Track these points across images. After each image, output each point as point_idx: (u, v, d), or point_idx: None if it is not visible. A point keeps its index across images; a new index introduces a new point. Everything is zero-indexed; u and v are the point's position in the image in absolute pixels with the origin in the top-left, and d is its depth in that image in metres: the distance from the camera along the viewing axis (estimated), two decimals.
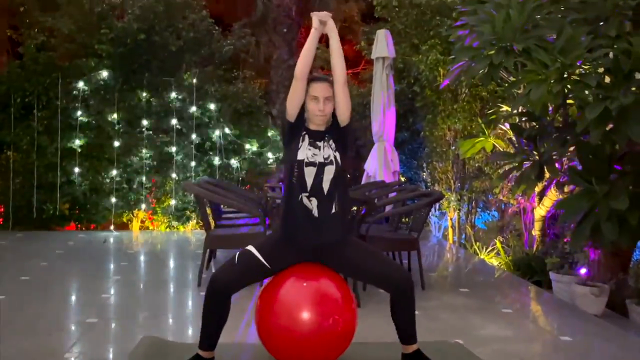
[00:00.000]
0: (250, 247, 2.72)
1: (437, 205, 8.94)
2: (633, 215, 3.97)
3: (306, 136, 2.73)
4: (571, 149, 4.91)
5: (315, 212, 2.69)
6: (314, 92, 2.69)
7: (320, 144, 2.72)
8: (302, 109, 2.73)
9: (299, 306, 2.66)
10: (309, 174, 2.68)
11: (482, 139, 6.81)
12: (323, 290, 2.74)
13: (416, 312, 4.25)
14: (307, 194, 2.68)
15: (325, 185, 2.69)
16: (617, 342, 4.03)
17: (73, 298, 4.74)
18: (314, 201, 2.69)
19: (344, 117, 2.73)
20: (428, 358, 2.76)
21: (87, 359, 3.30)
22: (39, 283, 5.09)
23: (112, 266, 6.08)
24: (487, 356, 3.19)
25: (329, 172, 2.69)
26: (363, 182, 8.05)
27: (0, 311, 4.14)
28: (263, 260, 2.67)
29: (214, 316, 2.67)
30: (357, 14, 16.75)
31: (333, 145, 2.74)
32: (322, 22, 2.73)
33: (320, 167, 2.68)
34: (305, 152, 2.70)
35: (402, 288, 2.71)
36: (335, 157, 2.72)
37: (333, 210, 2.71)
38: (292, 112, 2.71)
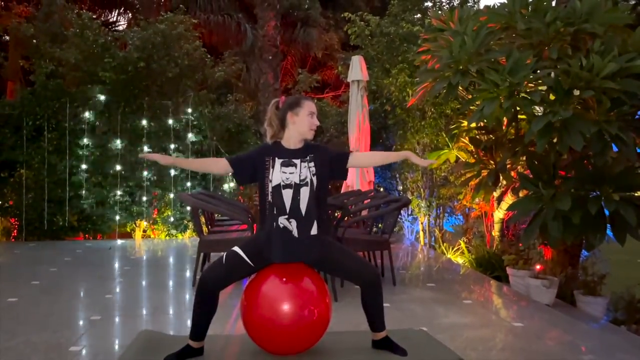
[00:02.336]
0: (236, 248, 2.76)
1: (409, 211, 9.04)
2: (575, 215, 4.09)
3: (276, 161, 2.67)
4: (523, 158, 5.05)
5: (296, 233, 2.64)
6: (310, 108, 2.72)
7: (296, 161, 2.67)
8: (248, 167, 2.76)
9: (280, 300, 2.71)
10: (287, 196, 2.62)
11: (446, 151, 6.95)
12: (301, 285, 2.79)
13: (387, 305, 4.33)
14: (286, 216, 2.63)
15: (303, 206, 2.62)
16: (564, 326, 4.11)
17: (79, 298, 4.73)
18: (294, 222, 2.64)
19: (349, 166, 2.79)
20: (395, 342, 2.82)
21: (90, 352, 3.31)
22: (48, 286, 5.08)
23: (116, 270, 6.08)
24: (447, 341, 3.25)
25: (305, 193, 2.63)
26: (342, 191, 8.12)
27: (14, 311, 4.15)
28: (247, 260, 2.71)
29: (204, 310, 2.71)
30: (337, 43, 16.93)
31: (313, 169, 2.67)
32: None
33: (297, 189, 2.63)
34: (279, 176, 2.64)
35: (370, 282, 2.77)
36: (312, 180, 2.64)
37: (313, 232, 2.66)
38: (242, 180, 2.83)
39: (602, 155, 4.14)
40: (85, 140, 8.54)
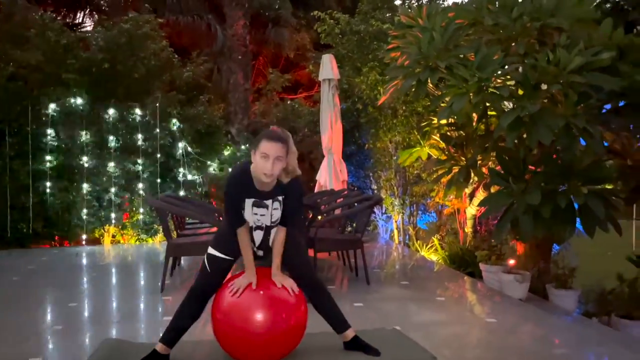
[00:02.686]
0: (210, 250, 2.75)
1: (383, 209, 9.03)
2: (545, 209, 4.09)
3: (247, 201, 2.60)
4: (493, 153, 5.06)
5: (261, 254, 2.78)
6: (264, 148, 2.45)
7: (267, 202, 2.61)
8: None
9: (253, 307, 2.63)
10: (257, 235, 2.68)
11: (418, 148, 6.94)
12: (274, 292, 2.70)
13: (360, 304, 4.30)
14: (255, 247, 2.73)
15: (271, 238, 2.72)
16: (537, 321, 4.13)
17: (41, 308, 4.56)
18: (261, 251, 2.77)
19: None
20: (366, 343, 2.77)
21: None
22: (8, 296, 4.89)
23: (82, 278, 5.89)
24: (421, 339, 3.21)
25: (274, 231, 2.70)
26: (315, 191, 8.06)
27: None
28: (224, 256, 2.71)
29: (189, 316, 2.71)
30: (308, 43, 16.86)
31: (280, 208, 2.65)
32: None
33: (267, 230, 2.67)
34: (251, 216, 2.62)
35: (310, 285, 2.78)
36: (273, 220, 2.65)
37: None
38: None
39: (570, 149, 4.16)
40: (49, 144, 8.28)
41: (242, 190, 2.59)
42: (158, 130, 8.73)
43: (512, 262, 5.28)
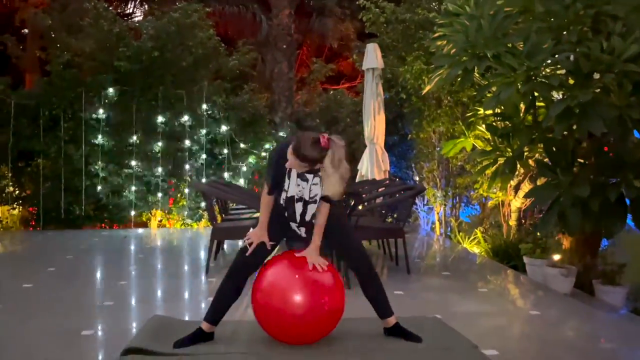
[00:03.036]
0: (251, 230, 2.82)
1: (425, 201, 8.96)
2: (594, 202, 3.99)
3: (293, 172, 2.69)
4: (540, 145, 4.94)
5: (303, 234, 2.84)
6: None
7: (309, 176, 2.69)
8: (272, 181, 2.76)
9: (291, 289, 2.69)
10: (298, 208, 2.74)
11: (462, 139, 6.84)
12: (313, 274, 2.75)
13: (400, 292, 4.31)
14: (296, 224, 2.79)
15: (310, 216, 2.76)
16: (582, 315, 4.03)
17: (93, 285, 4.77)
18: (302, 229, 2.82)
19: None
20: (407, 330, 2.78)
21: (102, 336, 3.33)
22: (63, 273, 5.13)
23: (131, 259, 6.12)
24: (462, 328, 3.20)
25: (312, 208, 2.74)
26: (357, 180, 8.07)
27: (28, 296, 4.20)
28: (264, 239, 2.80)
29: (228, 295, 2.80)
30: (352, 33, 16.78)
31: (321, 182, 2.70)
32: None
33: (306, 204, 2.72)
34: (294, 187, 2.70)
35: (362, 269, 2.85)
36: (319, 196, 2.71)
37: None
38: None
39: (622, 140, 4.04)
40: (101, 130, 8.59)
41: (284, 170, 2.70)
42: (205, 116, 8.92)
43: (556, 256, 5.16)
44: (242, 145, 9.23)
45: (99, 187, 8.56)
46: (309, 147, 2.52)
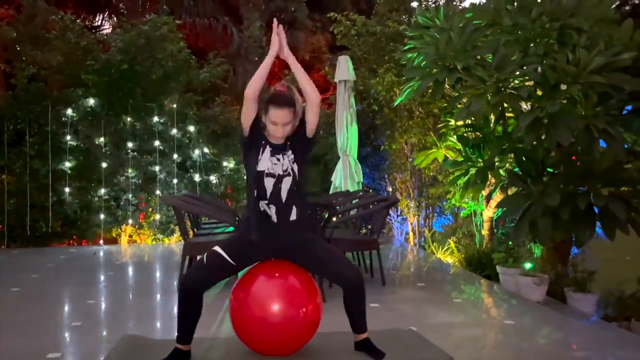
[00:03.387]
0: (216, 247, 2.70)
1: (399, 211, 9.00)
2: (564, 211, 4.06)
3: (267, 147, 2.65)
4: (511, 155, 5.03)
5: (274, 218, 2.65)
6: (273, 117, 2.55)
7: (279, 155, 2.65)
8: (257, 123, 2.63)
9: (269, 299, 2.65)
10: (268, 184, 2.62)
11: (434, 150, 6.92)
12: (291, 284, 2.71)
13: (376, 305, 4.30)
14: (266, 202, 2.64)
15: (284, 195, 2.64)
16: (555, 324, 4.08)
17: (60, 305, 4.62)
18: (273, 208, 2.65)
19: (311, 132, 2.68)
20: (373, 345, 2.76)
21: (69, 358, 3.22)
22: (28, 293, 4.96)
23: (100, 276, 5.96)
24: (437, 340, 3.19)
25: (287, 183, 2.63)
26: (330, 192, 8.07)
27: None
28: (228, 258, 2.64)
29: (188, 313, 2.64)
30: (324, 45, 16.90)
31: (292, 157, 2.66)
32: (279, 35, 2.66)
33: (279, 178, 2.63)
34: (266, 163, 2.63)
35: (353, 284, 2.72)
36: (292, 169, 2.65)
37: (292, 218, 2.67)
38: (246, 129, 2.64)
39: (589, 150, 4.13)
40: (69, 144, 8.40)
41: (260, 139, 2.64)
42: (175, 131, 8.82)
43: (529, 265, 5.22)
44: (214, 158, 9.15)
45: (67, 204, 8.34)
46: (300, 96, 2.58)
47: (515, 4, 4.61)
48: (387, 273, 5.73)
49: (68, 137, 8.38)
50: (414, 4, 9.62)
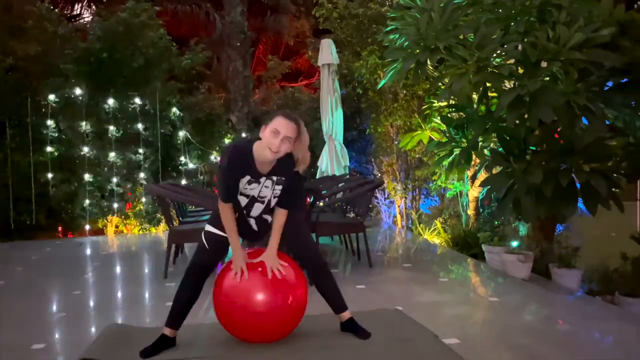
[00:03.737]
0: (207, 226, 2.75)
1: (386, 194, 9.02)
2: (547, 188, 4.09)
3: (245, 178, 2.62)
4: (494, 134, 5.04)
5: (255, 227, 2.77)
6: (277, 125, 2.49)
7: (261, 180, 2.61)
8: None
9: (253, 286, 2.64)
10: (243, 201, 2.67)
11: (419, 132, 6.92)
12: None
13: (362, 286, 4.32)
14: (245, 213, 2.72)
15: (258, 212, 2.71)
16: (540, 300, 4.13)
17: (45, 296, 4.58)
18: (252, 220, 2.75)
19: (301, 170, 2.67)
20: (357, 324, 2.77)
21: (54, 348, 3.20)
22: (13, 286, 4.92)
23: (86, 267, 5.92)
24: (423, 319, 3.21)
25: (259, 207, 2.69)
26: (317, 177, 8.06)
27: None
28: (221, 233, 2.70)
29: (188, 296, 2.71)
30: (308, 30, 16.78)
31: (276, 191, 2.65)
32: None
33: (252, 201, 2.67)
34: (243, 185, 2.63)
35: (314, 264, 2.80)
36: (269, 200, 2.67)
37: (270, 221, 2.76)
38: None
39: (571, 127, 4.15)
40: (50, 136, 8.29)
41: (241, 169, 2.59)
42: (158, 119, 8.73)
43: (515, 243, 5.27)
44: (199, 145, 9.09)
45: (50, 195, 8.26)
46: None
47: None
48: (375, 255, 5.75)
49: (49, 126, 8.26)
50: None
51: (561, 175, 4.01)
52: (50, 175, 8.27)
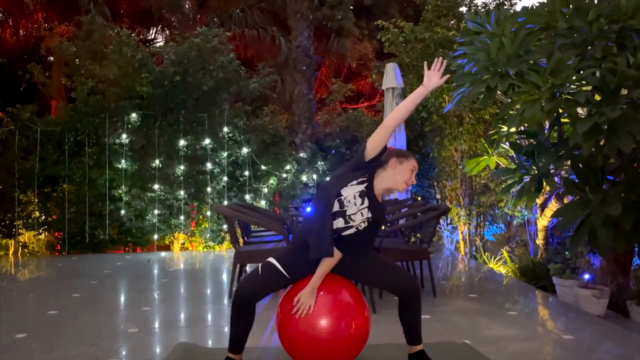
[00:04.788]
0: (271, 259, 2.71)
1: (449, 220, 8.84)
2: (626, 221, 3.88)
3: (364, 184, 2.58)
4: (567, 162, 4.84)
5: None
6: (415, 164, 2.69)
7: (365, 201, 2.57)
8: (376, 158, 2.61)
9: (317, 312, 2.63)
10: (335, 206, 2.57)
11: (486, 157, 6.75)
12: (338, 297, 2.70)
13: (427, 316, 4.22)
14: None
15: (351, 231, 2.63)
16: (618, 339, 3.89)
17: (117, 311, 4.77)
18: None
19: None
20: (429, 358, 2.70)
21: None
22: (88, 299, 5.15)
23: (154, 282, 6.13)
24: (492, 354, 3.10)
25: (339, 223, 2.59)
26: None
27: (54, 324, 4.21)
28: (283, 271, 2.66)
29: (241, 322, 2.67)
30: (371, 52, 16.86)
31: (362, 225, 2.62)
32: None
33: (341, 213, 2.58)
34: (350, 191, 2.56)
35: (410, 293, 2.69)
36: (357, 227, 2.61)
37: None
38: (372, 155, 2.57)
39: None
40: (124, 155, 8.71)
41: (367, 171, 2.62)
42: (225, 140, 8.99)
43: (587, 276, 5.01)
44: (263, 167, 9.27)
45: (122, 211, 8.65)
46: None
47: (571, 6, 4.45)
48: (438, 283, 5.63)
49: (123, 148, 8.69)
50: (463, 9, 9.47)
51: None
52: (123, 193, 8.66)
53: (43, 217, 8.70)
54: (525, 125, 5.09)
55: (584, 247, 5.05)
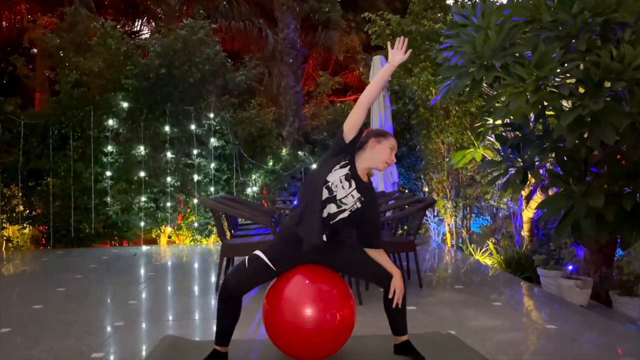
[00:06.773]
0: (258, 252, 2.71)
1: (435, 212, 8.89)
2: (609, 212, 3.93)
3: (347, 167, 2.61)
4: (551, 154, 4.89)
5: (324, 237, 2.65)
6: (393, 143, 2.73)
7: (352, 184, 2.59)
8: (355, 139, 2.62)
9: (302, 303, 2.64)
10: (324, 194, 2.58)
11: (472, 150, 6.79)
12: (323, 288, 2.71)
13: (413, 308, 4.25)
14: (317, 209, 2.61)
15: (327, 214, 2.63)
16: (600, 329, 3.95)
17: (103, 305, 4.74)
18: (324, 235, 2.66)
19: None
20: (414, 348, 2.72)
21: (113, 358, 3.30)
22: (73, 293, 5.12)
23: (140, 276, 6.10)
24: (477, 345, 3.14)
25: (331, 209, 2.60)
26: None
27: (39, 318, 4.18)
28: (269, 263, 2.66)
29: (227, 315, 2.67)
30: (358, 45, 16.86)
31: (355, 207, 2.62)
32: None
33: (331, 199, 2.59)
34: (335, 177, 2.58)
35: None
36: (351, 209, 2.61)
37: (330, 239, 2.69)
38: (350, 136, 2.60)
39: (636, 148, 3.97)
40: (110, 148, 8.64)
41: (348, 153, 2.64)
42: (213, 140, 8.96)
43: (570, 267, 5.08)
44: (250, 160, 9.24)
45: (108, 204, 8.58)
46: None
47: None
48: (424, 275, 5.67)
49: (109, 141, 8.61)
50: (450, 2, 9.50)
51: (625, 199, 3.84)
52: (108, 186, 8.59)
53: (27, 211, 8.60)
54: (511, 117, 5.12)
55: (567, 238, 5.12)
